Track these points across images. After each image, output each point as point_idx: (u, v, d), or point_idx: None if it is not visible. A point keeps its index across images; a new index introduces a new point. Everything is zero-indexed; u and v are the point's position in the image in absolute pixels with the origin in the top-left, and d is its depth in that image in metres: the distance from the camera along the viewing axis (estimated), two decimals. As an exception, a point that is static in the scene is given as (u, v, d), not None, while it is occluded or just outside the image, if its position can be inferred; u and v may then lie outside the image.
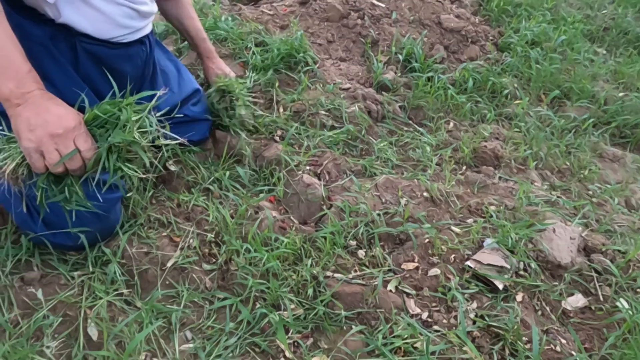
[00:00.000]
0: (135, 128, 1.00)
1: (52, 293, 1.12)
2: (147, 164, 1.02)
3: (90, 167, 1.00)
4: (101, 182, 1.05)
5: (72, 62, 1.16)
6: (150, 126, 1.02)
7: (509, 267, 1.34)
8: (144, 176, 1.05)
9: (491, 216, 1.53)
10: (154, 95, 1.07)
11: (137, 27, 1.25)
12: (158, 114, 1.11)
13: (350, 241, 1.42)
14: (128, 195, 1.32)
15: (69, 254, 1.22)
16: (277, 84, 1.92)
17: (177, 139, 1.08)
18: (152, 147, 1.07)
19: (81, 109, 1.02)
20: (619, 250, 1.48)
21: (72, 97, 1.04)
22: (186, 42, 2.12)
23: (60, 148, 0.95)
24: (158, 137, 1.06)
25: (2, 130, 1.02)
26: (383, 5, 2.50)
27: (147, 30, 1.30)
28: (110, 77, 1.11)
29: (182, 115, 1.48)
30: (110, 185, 1.04)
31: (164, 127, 1.10)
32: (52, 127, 0.94)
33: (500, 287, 1.30)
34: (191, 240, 1.31)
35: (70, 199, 1.01)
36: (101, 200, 1.07)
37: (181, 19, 1.62)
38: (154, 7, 1.30)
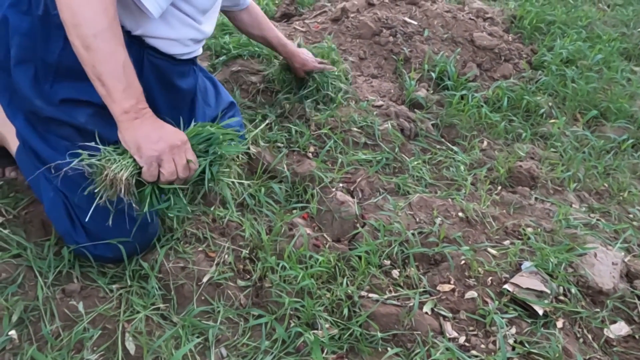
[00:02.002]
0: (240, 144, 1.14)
1: (92, 305, 1.13)
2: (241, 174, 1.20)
3: (194, 178, 1.10)
4: (179, 192, 1.11)
5: (136, 74, 1.21)
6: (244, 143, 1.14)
7: (548, 291, 1.31)
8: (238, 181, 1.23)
9: (529, 238, 1.50)
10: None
11: (197, 47, 1.33)
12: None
13: (385, 260, 1.40)
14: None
15: (108, 266, 1.24)
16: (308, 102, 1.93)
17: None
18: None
19: None
20: (664, 278, 1.43)
21: None
22: (220, 59, 2.17)
23: (177, 159, 1.04)
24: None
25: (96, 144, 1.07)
26: (415, 23, 2.50)
27: (200, 51, 1.37)
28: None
29: None
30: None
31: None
32: (173, 140, 1.04)
33: (540, 312, 1.26)
34: (226, 256, 1.31)
35: (173, 206, 1.09)
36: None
37: (262, 33, 1.75)
38: (211, 31, 1.36)
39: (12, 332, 1.03)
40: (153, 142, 1.02)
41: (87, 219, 1.09)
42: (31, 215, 1.32)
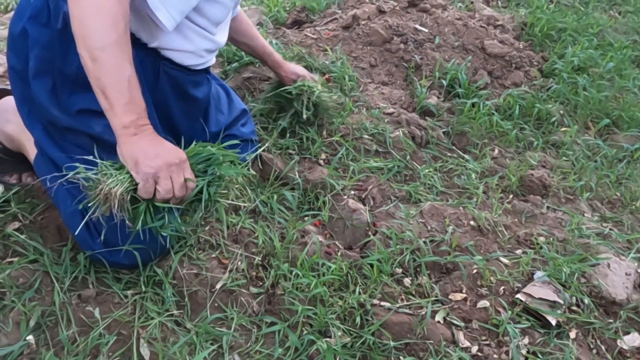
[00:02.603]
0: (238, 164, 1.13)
1: (107, 311, 1.14)
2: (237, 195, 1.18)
3: (190, 197, 1.07)
4: (174, 210, 1.10)
5: (152, 86, 1.22)
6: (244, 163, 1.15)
7: (561, 302, 1.30)
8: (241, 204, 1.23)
9: (541, 248, 1.49)
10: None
11: (210, 57, 1.34)
12: None
13: (396, 269, 1.40)
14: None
15: (122, 272, 1.25)
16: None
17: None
18: None
19: None
20: (678, 289, 1.42)
21: None
22: (232, 65, 2.18)
23: (174, 177, 1.02)
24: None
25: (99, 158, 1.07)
26: (426, 30, 2.51)
27: (214, 61, 1.38)
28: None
29: (232, 135, 1.53)
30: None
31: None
32: (170, 157, 1.02)
33: (553, 322, 1.26)
34: (239, 263, 1.32)
35: (167, 225, 1.07)
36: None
37: (247, 41, 1.72)
38: (224, 41, 1.37)
39: (30, 337, 1.04)
40: (150, 159, 1.00)
41: (100, 226, 1.10)
42: (47, 220, 1.34)
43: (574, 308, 1.34)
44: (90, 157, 1.05)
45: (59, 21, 1.09)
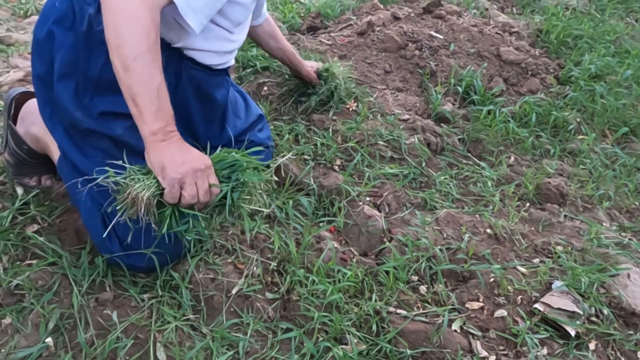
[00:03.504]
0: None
1: (124, 315, 1.14)
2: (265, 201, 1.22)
3: (214, 203, 1.09)
4: (198, 215, 1.11)
5: (173, 86, 1.24)
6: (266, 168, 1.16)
7: (580, 312, 1.29)
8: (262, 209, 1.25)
9: (559, 257, 1.47)
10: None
11: (231, 57, 1.36)
12: None
13: (412, 276, 1.39)
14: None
15: (139, 276, 1.26)
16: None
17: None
18: None
19: None
20: (700, 301, 1.39)
21: None
22: (247, 71, 2.20)
23: (199, 183, 1.04)
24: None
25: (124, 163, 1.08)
26: (441, 37, 2.50)
27: (233, 62, 1.40)
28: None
29: (249, 140, 1.54)
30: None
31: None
32: (196, 164, 1.04)
33: (573, 333, 1.24)
34: (255, 268, 1.32)
35: (192, 229, 1.09)
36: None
37: (277, 42, 1.77)
38: (243, 40, 1.39)
39: (49, 340, 1.05)
40: (177, 165, 1.02)
41: (119, 228, 1.11)
42: (65, 223, 1.35)
43: (593, 319, 1.32)
44: (113, 162, 1.07)
45: (83, 24, 1.11)
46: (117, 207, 1.04)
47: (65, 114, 1.16)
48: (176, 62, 1.22)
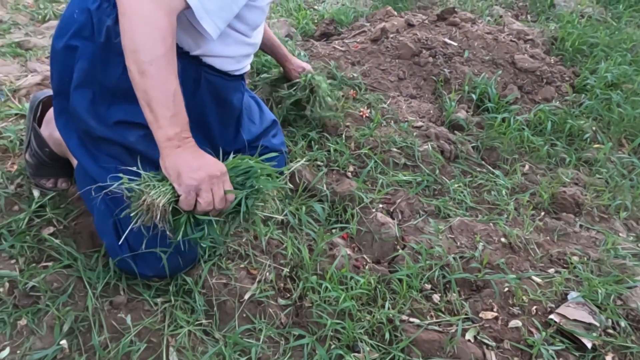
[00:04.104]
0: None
1: (137, 318, 1.15)
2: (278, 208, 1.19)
3: (229, 209, 1.09)
4: (213, 222, 1.10)
5: (191, 93, 1.24)
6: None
7: (597, 324, 1.27)
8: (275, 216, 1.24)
9: (575, 267, 1.45)
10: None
11: (247, 63, 1.36)
12: None
13: (425, 284, 1.38)
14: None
15: (153, 280, 1.26)
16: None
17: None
18: None
19: None
20: None
21: None
22: (260, 77, 2.21)
23: (215, 189, 1.03)
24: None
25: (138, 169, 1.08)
26: (455, 44, 2.50)
27: (249, 67, 1.40)
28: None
29: (262, 146, 1.54)
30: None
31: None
32: (212, 170, 1.03)
33: (589, 345, 1.22)
34: (267, 274, 1.32)
35: (206, 236, 1.08)
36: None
37: (270, 41, 1.75)
38: (260, 42, 1.39)
39: (63, 342, 1.06)
40: (193, 171, 1.02)
41: (130, 236, 1.11)
42: (80, 226, 1.36)
43: (610, 331, 1.30)
44: (127, 168, 1.07)
45: (102, 35, 1.12)
46: (132, 214, 1.04)
47: (80, 122, 1.17)
48: (195, 68, 1.22)
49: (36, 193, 1.41)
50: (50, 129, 1.36)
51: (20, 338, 1.07)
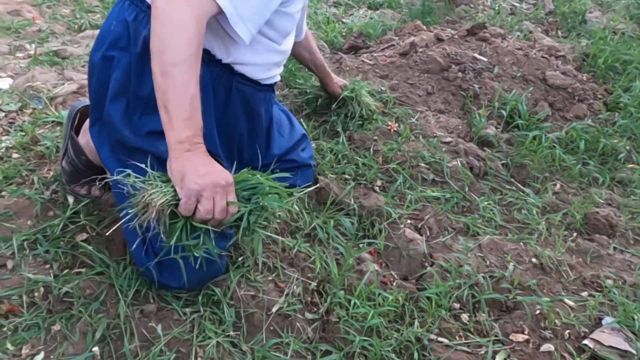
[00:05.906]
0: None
1: (167, 328, 1.16)
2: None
3: (229, 222, 1.05)
4: (211, 232, 1.08)
5: (224, 102, 1.26)
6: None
7: (634, 352, 1.23)
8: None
9: (609, 291, 1.42)
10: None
11: (278, 72, 1.37)
12: None
13: (454, 303, 1.36)
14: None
15: (181, 290, 1.27)
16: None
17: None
18: None
19: None
20: None
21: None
22: (291, 91, 2.23)
23: (217, 198, 1.01)
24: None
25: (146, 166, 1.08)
26: (485, 60, 2.48)
27: (279, 77, 1.40)
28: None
29: (291, 160, 1.55)
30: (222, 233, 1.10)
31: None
32: (218, 178, 1.01)
33: (625, 374, 1.18)
34: (295, 287, 1.32)
35: (201, 245, 1.04)
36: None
37: (311, 54, 1.82)
38: (290, 49, 1.40)
39: (95, 349, 1.07)
40: (198, 176, 0.99)
41: (156, 246, 1.12)
42: (113, 233, 1.37)
43: (647, 359, 1.25)
44: (132, 162, 1.06)
45: (138, 45, 1.14)
46: (130, 211, 1.01)
47: (114, 131, 1.19)
48: (227, 77, 1.23)
49: (70, 200, 1.44)
50: (87, 138, 1.39)
51: (54, 343, 1.09)
